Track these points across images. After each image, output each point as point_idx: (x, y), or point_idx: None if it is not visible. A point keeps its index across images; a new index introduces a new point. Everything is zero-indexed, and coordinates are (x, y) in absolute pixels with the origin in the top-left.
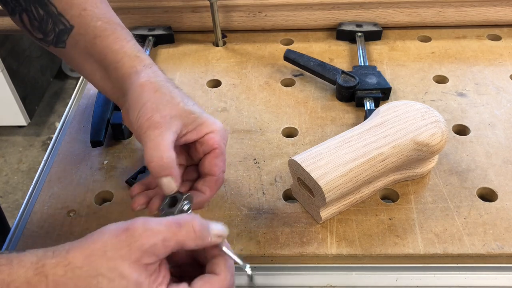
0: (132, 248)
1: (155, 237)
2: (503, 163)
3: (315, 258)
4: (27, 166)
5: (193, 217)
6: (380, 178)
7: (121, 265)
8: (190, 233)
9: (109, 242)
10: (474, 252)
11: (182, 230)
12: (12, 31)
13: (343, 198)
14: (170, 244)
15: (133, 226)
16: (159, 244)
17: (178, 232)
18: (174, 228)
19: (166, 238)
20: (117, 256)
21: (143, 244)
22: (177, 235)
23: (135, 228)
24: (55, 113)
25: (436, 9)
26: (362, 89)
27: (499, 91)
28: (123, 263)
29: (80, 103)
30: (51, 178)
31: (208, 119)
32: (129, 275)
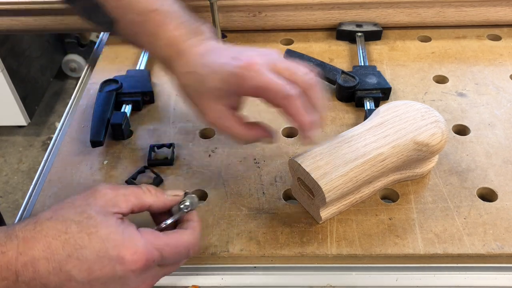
0: (97, 197)
1: (116, 191)
2: (503, 163)
3: (315, 258)
4: (27, 166)
5: (148, 184)
6: (380, 178)
7: (88, 210)
8: (146, 192)
9: (77, 197)
10: (474, 252)
11: (140, 189)
12: (12, 31)
13: (343, 198)
14: (130, 198)
15: (96, 186)
16: (121, 197)
17: (136, 189)
18: (133, 187)
19: (126, 193)
20: (85, 203)
21: (107, 194)
22: (136, 192)
23: (98, 186)
24: (55, 113)
25: (436, 9)
26: (362, 89)
27: (499, 91)
28: (90, 208)
29: (80, 103)
30: (51, 178)
31: (237, 68)
32: (95, 216)
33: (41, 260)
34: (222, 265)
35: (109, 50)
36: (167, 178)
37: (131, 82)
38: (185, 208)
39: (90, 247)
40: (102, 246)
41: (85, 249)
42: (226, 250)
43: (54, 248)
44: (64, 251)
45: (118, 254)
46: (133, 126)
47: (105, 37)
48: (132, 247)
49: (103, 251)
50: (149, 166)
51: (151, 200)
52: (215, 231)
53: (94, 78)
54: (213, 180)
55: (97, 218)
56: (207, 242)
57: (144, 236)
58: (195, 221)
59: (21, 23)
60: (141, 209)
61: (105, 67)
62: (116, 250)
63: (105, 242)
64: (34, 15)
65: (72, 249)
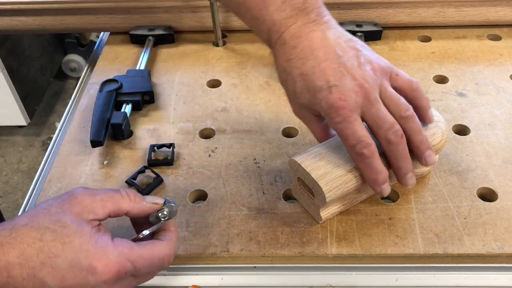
0: (73, 204)
1: (93, 197)
2: (503, 163)
3: (315, 258)
4: (27, 166)
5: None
6: None
7: (63, 217)
8: (125, 197)
9: (53, 203)
10: (474, 252)
11: (118, 194)
12: (12, 31)
13: (343, 198)
14: (107, 204)
15: (73, 190)
16: (97, 203)
17: (114, 195)
18: (110, 192)
19: (103, 198)
20: (60, 211)
21: (83, 200)
22: (113, 197)
23: (74, 190)
24: (55, 113)
25: (436, 9)
26: None
27: (499, 91)
28: (65, 216)
29: (80, 103)
30: (51, 178)
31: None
32: (70, 224)
33: (16, 266)
34: (222, 265)
35: (109, 50)
36: (167, 178)
37: (131, 82)
38: (163, 217)
39: (63, 257)
40: (74, 257)
41: (58, 258)
42: (226, 250)
43: (29, 255)
44: (38, 258)
45: (90, 264)
46: (133, 126)
47: (105, 37)
48: (104, 259)
49: (75, 261)
50: (149, 166)
51: (129, 207)
52: (215, 231)
53: (94, 78)
54: (213, 180)
55: (71, 227)
56: (207, 242)
57: (117, 247)
58: (172, 231)
59: (21, 23)
60: (118, 215)
61: (105, 67)
62: (88, 261)
63: (77, 252)
64: (34, 15)
65: (46, 257)
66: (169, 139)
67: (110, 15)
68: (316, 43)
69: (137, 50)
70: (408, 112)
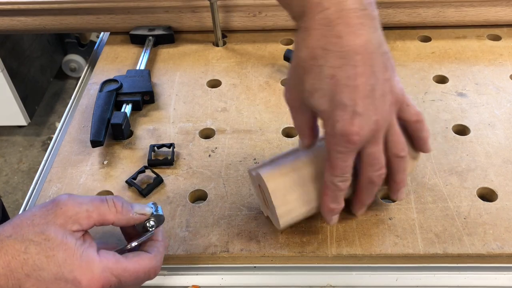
0: (57, 215)
1: (79, 207)
2: (503, 163)
3: (315, 258)
4: (27, 166)
5: (116, 196)
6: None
7: (47, 229)
8: (111, 208)
9: (37, 212)
10: (474, 252)
11: (104, 204)
12: (12, 31)
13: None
14: (92, 215)
15: (58, 198)
16: (83, 214)
17: (100, 205)
18: (97, 202)
19: (89, 209)
20: (44, 222)
21: (68, 211)
22: (99, 208)
23: (60, 199)
24: (55, 113)
25: (436, 9)
26: None
27: (499, 91)
28: (48, 228)
29: (80, 103)
30: (51, 178)
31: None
32: (54, 238)
33: (1, 276)
34: (222, 265)
35: (109, 50)
36: (167, 178)
37: (131, 82)
38: (150, 227)
39: (48, 270)
40: (59, 270)
41: (43, 270)
42: (226, 250)
43: (14, 267)
44: (23, 270)
45: (75, 278)
46: (133, 126)
47: (105, 37)
48: (89, 273)
49: (60, 274)
50: (149, 166)
51: (115, 218)
52: (215, 231)
53: (94, 78)
54: (213, 180)
55: (55, 240)
56: (207, 242)
57: (103, 261)
58: (160, 240)
59: (21, 23)
60: (103, 225)
61: (105, 67)
62: (73, 275)
63: (62, 266)
64: (34, 15)
65: (31, 269)
66: (169, 139)
67: (110, 15)
68: (359, 46)
69: (137, 50)
70: (404, 152)
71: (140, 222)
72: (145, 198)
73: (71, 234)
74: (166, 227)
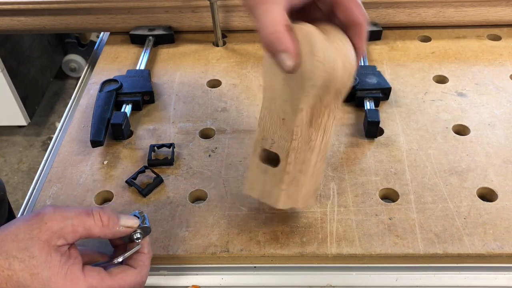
0: (42, 230)
1: (64, 221)
2: (503, 163)
3: (315, 258)
4: (27, 166)
5: (103, 209)
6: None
7: (31, 246)
8: (97, 222)
9: (21, 226)
10: (474, 252)
11: (90, 218)
12: (12, 31)
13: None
14: (78, 229)
15: (43, 211)
16: (68, 228)
17: (86, 220)
18: (83, 216)
19: (74, 223)
20: (28, 238)
21: (53, 226)
22: (85, 222)
23: (45, 212)
24: (55, 113)
25: (436, 9)
26: (362, 89)
27: (499, 91)
28: (33, 244)
29: (80, 103)
30: (51, 178)
31: None
32: (38, 255)
33: None
34: (222, 265)
35: (109, 50)
36: (167, 178)
37: (131, 82)
38: (137, 239)
39: (32, 287)
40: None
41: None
42: (226, 250)
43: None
44: (8, 285)
45: None
46: (133, 126)
47: (105, 37)
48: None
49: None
50: (149, 166)
51: (101, 233)
52: (215, 231)
53: (94, 78)
54: (213, 180)
55: (39, 257)
56: (207, 242)
57: (87, 279)
58: (145, 253)
59: (21, 23)
60: (88, 238)
61: (105, 67)
62: None
63: (46, 285)
64: (34, 15)
65: (15, 285)
66: (169, 139)
67: (110, 15)
68: None
69: (137, 50)
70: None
71: (126, 235)
72: (145, 198)
73: (56, 250)
74: (166, 227)
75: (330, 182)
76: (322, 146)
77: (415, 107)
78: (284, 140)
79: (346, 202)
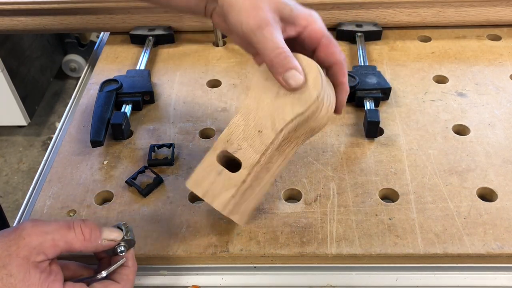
0: (20, 246)
1: (43, 236)
2: (503, 163)
3: (315, 258)
4: (27, 166)
5: (84, 221)
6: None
7: (9, 263)
8: (79, 235)
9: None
10: (474, 252)
11: (71, 232)
12: (12, 31)
13: (248, 195)
14: (58, 243)
15: (22, 226)
16: (48, 243)
17: (67, 234)
18: (63, 230)
19: (55, 238)
20: (5, 254)
21: (31, 241)
22: (66, 236)
23: (24, 227)
24: (55, 113)
25: (436, 9)
26: (362, 89)
27: (499, 91)
28: (11, 261)
29: (80, 103)
30: (51, 178)
31: (300, 10)
32: (16, 273)
33: None
34: (222, 265)
35: (109, 50)
36: (167, 178)
37: (131, 82)
38: (120, 252)
39: None
40: None
41: None
42: (226, 250)
43: None
44: None
45: None
46: (133, 126)
47: (105, 37)
48: None
49: None
50: (149, 166)
51: (82, 247)
52: (215, 231)
53: (94, 78)
54: None
55: (17, 276)
56: (207, 242)
57: None
58: (130, 266)
59: (21, 23)
60: (69, 252)
61: (105, 67)
62: None
63: None
64: (34, 15)
65: None
66: (169, 139)
67: (110, 15)
68: None
69: (137, 50)
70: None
71: (109, 248)
72: (145, 198)
73: (35, 267)
74: (166, 227)
75: (330, 182)
76: (276, 170)
77: (415, 107)
78: (254, 151)
79: (346, 202)
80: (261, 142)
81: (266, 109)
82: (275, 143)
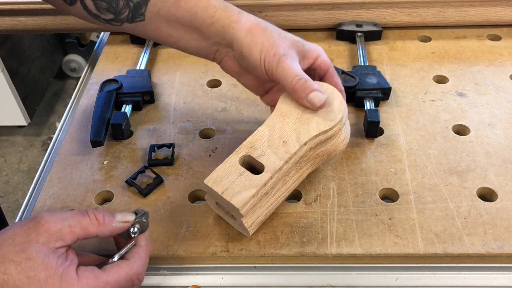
0: (40, 233)
1: (61, 223)
2: (503, 163)
3: (315, 258)
4: (27, 166)
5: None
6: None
7: (28, 248)
8: (93, 221)
9: (18, 231)
10: (474, 252)
11: (86, 218)
12: (12, 31)
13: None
14: (75, 230)
15: (40, 215)
16: (66, 230)
17: (82, 219)
18: (79, 216)
19: (71, 224)
20: (25, 241)
21: (50, 228)
22: (81, 222)
23: (42, 216)
24: (55, 113)
25: (436, 9)
26: (362, 89)
27: (499, 91)
28: (30, 246)
29: (80, 103)
30: (51, 178)
31: (309, 45)
32: (35, 257)
33: None
34: (222, 265)
35: (109, 50)
36: (167, 178)
37: (131, 82)
38: (133, 234)
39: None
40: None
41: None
42: (226, 250)
43: None
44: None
45: None
46: (133, 126)
47: (105, 37)
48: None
49: None
50: (149, 166)
51: (98, 231)
52: (215, 231)
53: (94, 78)
54: None
55: (36, 259)
56: (207, 242)
57: (82, 280)
58: (142, 245)
59: (21, 23)
60: (86, 238)
61: (105, 67)
62: None
63: (42, 286)
64: (34, 15)
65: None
66: (169, 139)
67: None
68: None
69: (137, 50)
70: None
71: (124, 230)
72: (145, 198)
73: (54, 252)
74: (166, 227)
75: (330, 182)
76: (290, 186)
77: (415, 107)
78: (278, 157)
79: (346, 202)
80: (285, 150)
81: (291, 124)
82: (298, 155)
